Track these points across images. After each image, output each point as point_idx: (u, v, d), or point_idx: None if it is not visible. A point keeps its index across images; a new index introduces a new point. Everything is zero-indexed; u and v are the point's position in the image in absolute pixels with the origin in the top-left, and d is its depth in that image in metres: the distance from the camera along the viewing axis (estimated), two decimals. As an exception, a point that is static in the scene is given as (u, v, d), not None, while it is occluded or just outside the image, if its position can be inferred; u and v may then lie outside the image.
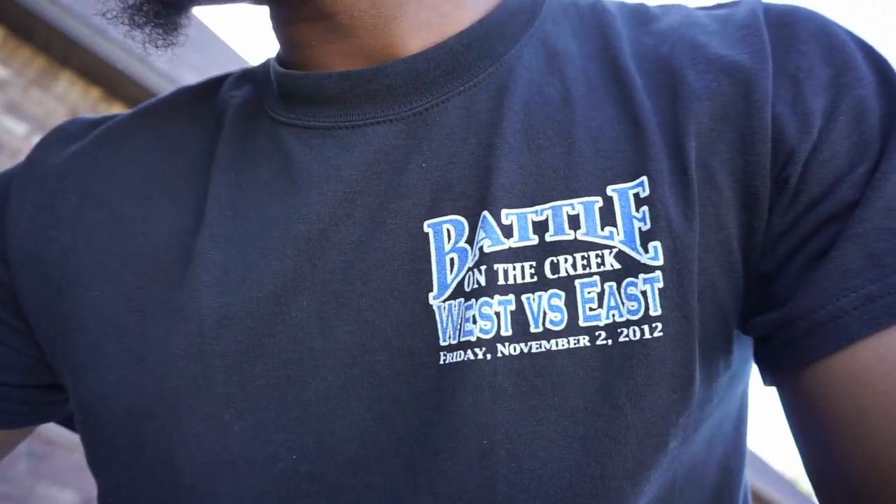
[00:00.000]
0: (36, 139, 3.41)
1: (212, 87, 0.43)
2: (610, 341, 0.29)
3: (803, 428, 0.29)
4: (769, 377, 0.32)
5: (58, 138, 0.41)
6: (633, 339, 0.29)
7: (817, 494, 0.29)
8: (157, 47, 0.34)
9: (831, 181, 0.29)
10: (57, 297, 0.37)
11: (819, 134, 0.30)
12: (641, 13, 0.38)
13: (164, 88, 3.81)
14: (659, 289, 0.29)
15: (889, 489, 0.25)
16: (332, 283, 0.32)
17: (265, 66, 0.41)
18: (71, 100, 3.79)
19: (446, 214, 0.32)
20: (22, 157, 0.42)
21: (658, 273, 0.29)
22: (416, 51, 0.35)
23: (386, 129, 0.34)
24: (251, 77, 0.42)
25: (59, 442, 3.29)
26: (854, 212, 0.28)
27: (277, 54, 0.41)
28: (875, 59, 0.32)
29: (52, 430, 2.94)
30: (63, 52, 3.67)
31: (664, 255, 0.29)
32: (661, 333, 0.28)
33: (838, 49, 0.32)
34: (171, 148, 0.40)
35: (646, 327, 0.29)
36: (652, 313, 0.29)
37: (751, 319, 0.31)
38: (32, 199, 0.39)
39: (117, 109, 4.01)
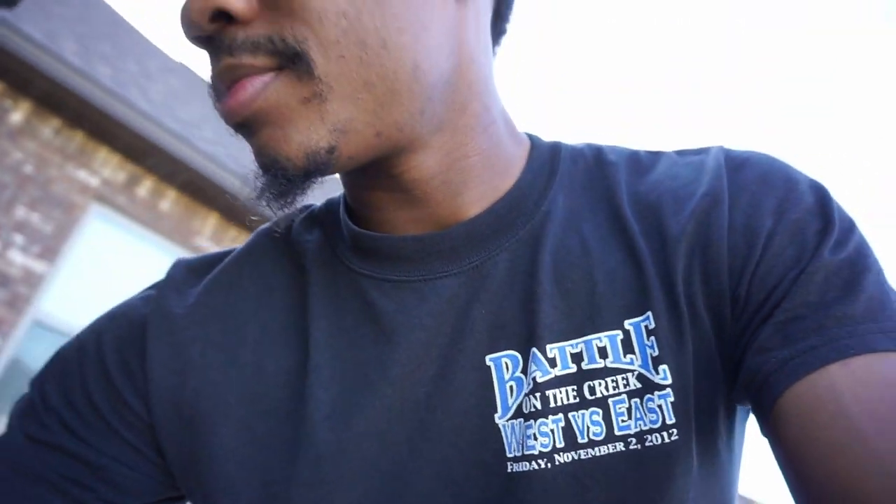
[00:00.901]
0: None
1: (283, 229, 0.50)
2: (639, 446, 0.36)
3: (781, 463, 0.35)
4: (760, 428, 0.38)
5: (173, 288, 0.49)
6: (656, 443, 0.36)
7: None
8: (276, 211, 0.39)
9: (769, 289, 0.37)
10: (189, 432, 0.43)
11: (761, 254, 0.38)
12: (637, 162, 0.46)
13: (77, 82, 3.69)
14: (671, 402, 0.37)
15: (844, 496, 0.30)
16: (418, 412, 0.40)
17: (332, 213, 0.48)
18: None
19: (503, 350, 0.40)
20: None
21: (668, 390, 0.37)
22: (473, 215, 0.43)
23: (451, 281, 0.42)
24: (318, 221, 0.49)
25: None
26: (780, 305, 0.36)
27: (345, 202, 0.48)
28: (813, 187, 0.40)
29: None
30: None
31: (671, 375, 0.38)
32: (676, 437, 0.36)
33: (782, 182, 0.40)
34: (269, 295, 0.47)
35: (665, 433, 0.37)
36: (668, 422, 0.37)
37: (734, 392, 0.39)
38: (165, 348, 0.45)
39: (25, 104, 3.82)
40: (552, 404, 0.38)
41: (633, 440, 0.36)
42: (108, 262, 4.19)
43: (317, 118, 0.35)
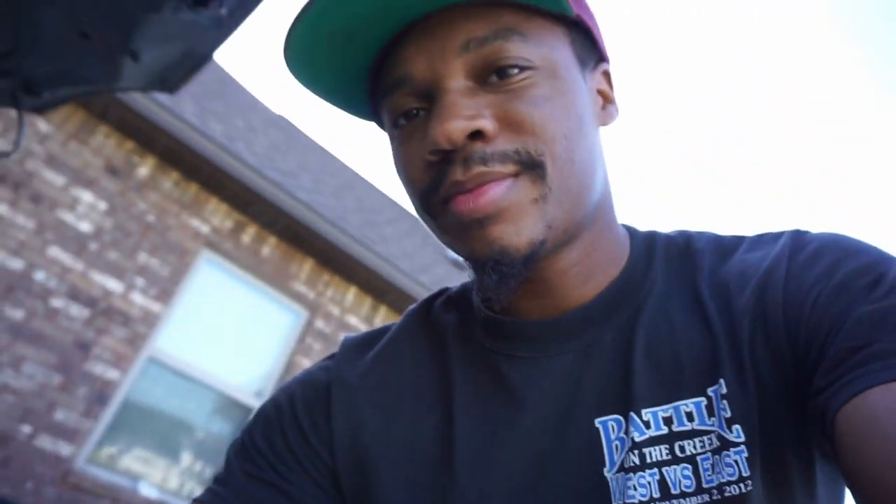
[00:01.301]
0: (74, 190, 3.71)
1: (426, 310, 0.60)
2: (720, 496, 0.42)
3: (845, 482, 0.38)
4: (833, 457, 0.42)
5: (346, 360, 0.59)
6: (734, 493, 0.42)
7: None
8: (503, 288, 0.46)
9: (819, 344, 0.42)
10: (362, 475, 0.53)
11: (808, 316, 0.43)
12: (721, 247, 0.53)
13: (194, 138, 4.05)
14: (745, 457, 0.43)
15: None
16: (541, 465, 0.48)
17: (466, 297, 0.59)
18: (106, 153, 4.03)
19: (608, 414, 0.47)
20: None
21: (742, 446, 0.43)
22: (586, 301, 0.51)
23: (567, 358, 0.50)
24: (455, 304, 0.59)
25: None
26: (827, 353, 0.41)
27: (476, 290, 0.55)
28: (868, 252, 0.45)
29: None
30: (101, 106, 3.92)
31: (743, 433, 0.43)
32: (751, 488, 0.42)
33: (835, 251, 0.46)
34: (419, 367, 0.56)
35: (741, 485, 0.42)
36: (743, 475, 0.42)
37: (810, 438, 0.44)
38: (345, 408, 0.56)
39: (150, 160, 4.22)
40: (648, 460, 0.45)
41: (716, 492, 0.42)
42: (215, 304, 4.50)
43: (539, 215, 0.44)
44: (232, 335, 4.54)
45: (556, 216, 0.45)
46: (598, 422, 0.48)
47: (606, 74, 0.54)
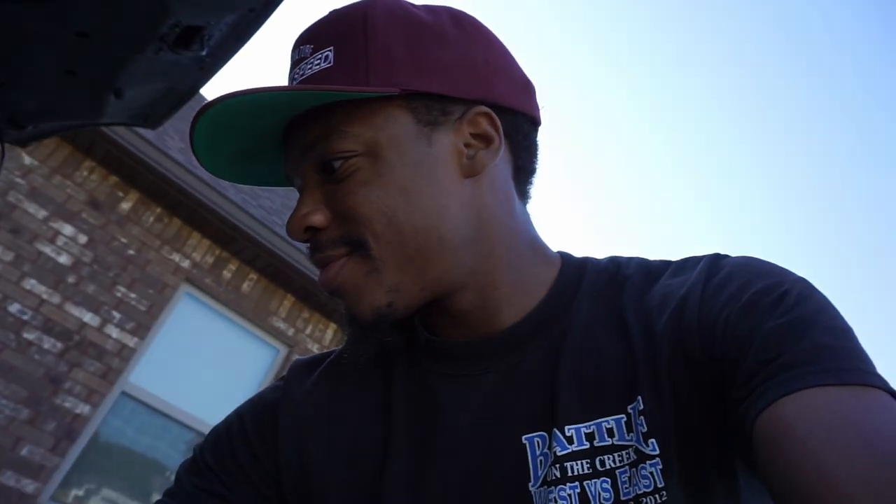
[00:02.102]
0: (54, 222, 3.72)
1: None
2: None
3: (768, 490, 0.40)
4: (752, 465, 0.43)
5: (294, 380, 0.63)
6: (651, 503, 0.45)
7: None
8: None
9: (731, 361, 0.45)
10: (305, 482, 0.57)
11: (721, 337, 0.46)
12: (648, 273, 0.56)
13: (178, 174, 4.09)
14: (660, 469, 0.45)
15: None
16: (470, 481, 0.51)
17: (412, 322, 0.61)
18: (90, 187, 4.05)
19: (535, 431, 0.50)
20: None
21: (658, 459, 0.45)
22: (507, 326, 0.55)
23: (492, 377, 0.54)
24: (403, 326, 0.61)
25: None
26: (739, 368, 0.44)
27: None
28: (772, 273, 0.49)
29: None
30: (87, 141, 3.95)
31: (659, 446, 0.46)
32: (666, 498, 0.44)
33: (743, 274, 0.49)
34: (363, 383, 0.60)
35: (656, 496, 0.44)
36: (658, 486, 0.45)
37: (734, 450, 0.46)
38: (291, 422, 0.60)
39: (133, 195, 4.24)
40: (569, 473, 0.47)
41: (633, 503, 0.45)
42: (194, 339, 4.47)
43: (376, 285, 0.51)
44: (209, 371, 4.50)
45: (400, 280, 0.51)
46: (524, 438, 0.50)
47: (483, 116, 0.53)
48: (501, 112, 0.55)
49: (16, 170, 3.72)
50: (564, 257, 0.60)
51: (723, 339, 0.46)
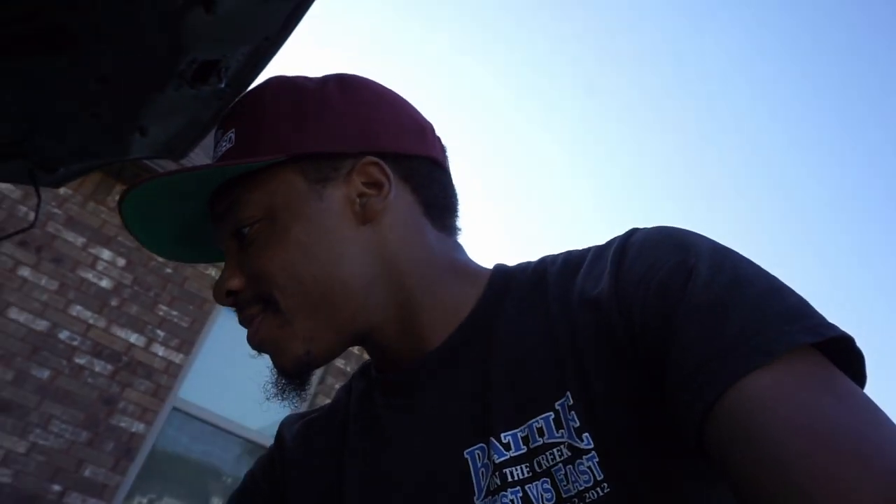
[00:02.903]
0: (93, 248, 3.81)
1: (350, 381, 0.69)
2: (581, 503, 0.44)
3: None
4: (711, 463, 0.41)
5: (287, 424, 0.71)
6: (594, 498, 0.44)
7: None
8: (296, 400, 0.58)
9: (657, 349, 0.43)
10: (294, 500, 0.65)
11: (641, 322, 0.44)
12: (568, 265, 0.55)
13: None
14: (597, 462, 0.44)
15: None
16: (417, 499, 0.53)
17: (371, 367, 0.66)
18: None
19: (473, 444, 0.51)
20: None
21: (593, 452, 0.45)
22: (434, 348, 0.57)
23: (429, 398, 0.56)
24: (366, 373, 0.67)
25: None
26: (668, 358, 0.42)
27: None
28: (680, 245, 0.46)
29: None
30: (116, 167, 4.04)
31: (593, 439, 0.45)
32: (609, 490, 0.44)
33: (651, 252, 0.47)
34: (331, 425, 0.66)
35: (598, 489, 0.44)
36: (598, 479, 0.44)
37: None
38: (285, 453, 0.68)
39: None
40: (509, 479, 0.47)
41: (577, 500, 0.44)
42: (236, 350, 4.55)
43: (291, 336, 0.55)
44: (255, 380, 4.58)
45: (312, 327, 0.55)
46: (466, 453, 0.51)
47: (371, 166, 0.57)
48: (393, 159, 0.58)
49: (51, 200, 3.82)
50: (496, 270, 0.61)
51: (643, 331, 0.44)
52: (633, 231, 0.52)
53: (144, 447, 3.98)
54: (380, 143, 0.58)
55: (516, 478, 0.47)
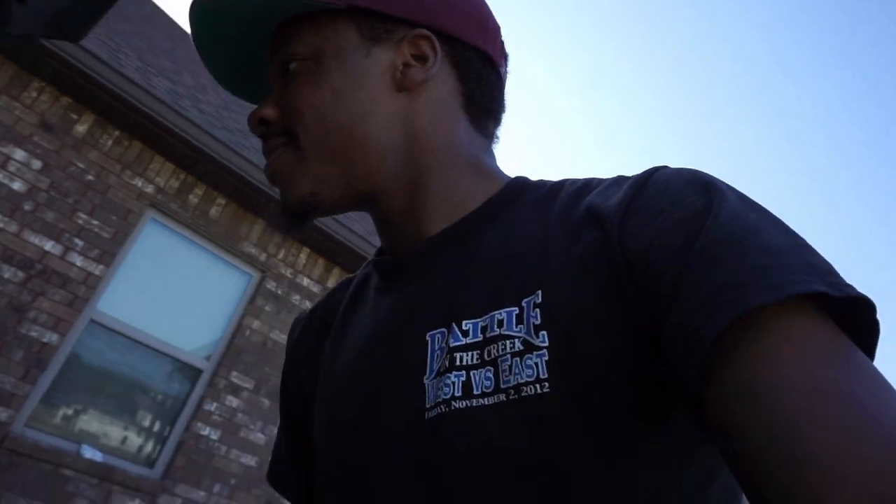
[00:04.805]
0: (4, 147, 3.54)
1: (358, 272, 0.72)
2: (517, 396, 0.44)
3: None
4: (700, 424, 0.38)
5: (295, 324, 0.75)
6: (530, 393, 0.43)
7: None
8: (294, 235, 0.60)
9: (665, 286, 0.40)
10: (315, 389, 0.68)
11: (653, 257, 0.42)
12: (586, 187, 0.54)
13: (135, 94, 3.90)
14: (545, 360, 0.44)
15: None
16: (380, 372, 0.55)
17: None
18: (40, 109, 3.85)
19: (436, 328, 0.52)
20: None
21: (544, 351, 0.44)
22: (432, 235, 0.58)
23: (412, 283, 0.58)
24: (371, 262, 0.69)
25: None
26: (677, 299, 0.40)
27: None
28: (701, 185, 0.45)
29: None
30: (30, 59, 3.72)
31: (549, 339, 0.44)
32: (548, 390, 0.43)
33: (672, 187, 0.46)
34: (330, 310, 0.70)
35: (538, 385, 0.43)
36: (541, 377, 0.43)
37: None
38: (292, 354, 0.72)
39: (89, 117, 4.05)
40: (458, 363, 0.48)
41: (513, 391, 0.44)
42: (162, 266, 4.40)
43: (303, 174, 0.57)
44: (179, 297, 4.46)
45: (325, 172, 0.56)
46: (428, 335, 0.52)
47: (423, 39, 0.58)
48: (448, 41, 0.60)
49: (-42, 91, 3.52)
50: (515, 179, 0.61)
51: (647, 259, 0.42)
52: (661, 167, 0.50)
53: (58, 358, 3.85)
54: (438, 21, 0.59)
55: (464, 363, 0.48)
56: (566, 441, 0.41)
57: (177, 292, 4.45)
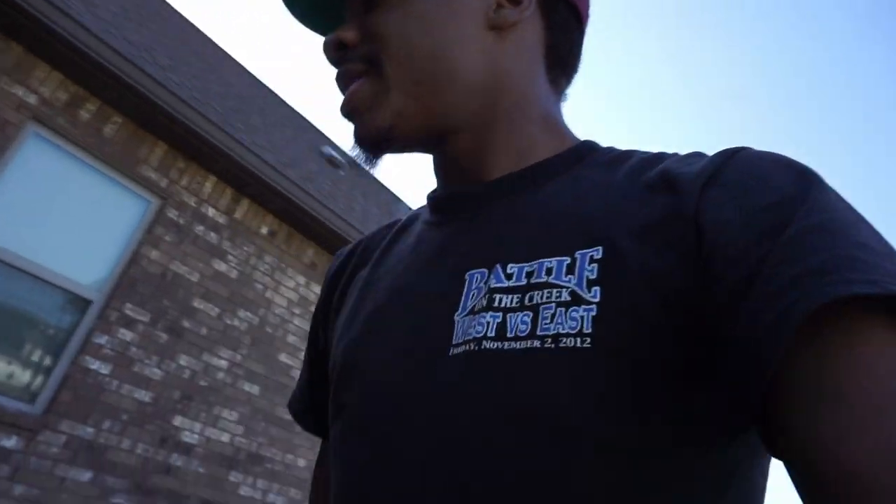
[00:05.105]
0: None
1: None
2: (553, 345, 0.42)
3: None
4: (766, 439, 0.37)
5: (335, 259, 0.74)
6: (569, 345, 0.41)
7: None
8: (367, 167, 0.58)
9: (741, 272, 0.38)
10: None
11: (729, 231, 0.40)
12: (659, 157, 0.52)
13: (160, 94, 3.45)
14: (593, 315, 0.41)
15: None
16: (418, 298, 0.54)
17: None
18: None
19: (478, 267, 0.51)
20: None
21: (594, 306, 0.42)
22: (492, 179, 0.57)
23: (461, 222, 0.57)
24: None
25: None
26: (753, 285, 0.37)
27: None
28: (793, 171, 0.42)
29: None
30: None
31: (602, 296, 0.42)
32: (589, 345, 0.40)
33: (758, 171, 0.43)
34: (372, 247, 0.70)
35: (578, 339, 0.41)
36: (585, 331, 0.41)
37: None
38: (327, 292, 0.72)
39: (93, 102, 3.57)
40: (496, 304, 0.46)
41: (550, 340, 0.42)
42: (47, 186, 4.01)
43: (382, 105, 0.54)
44: (67, 222, 4.11)
45: (406, 105, 0.54)
46: (468, 273, 0.51)
47: None
48: None
49: None
50: (585, 140, 0.60)
51: (730, 231, 0.40)
52: (746, 147, 0.47)
53: (-78, 282, 3.48)
54: None
55: (503, 304, 0.46)
56: (593, 399, 0.40)
57: (64, 216, 4.09)
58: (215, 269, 4.86)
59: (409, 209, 8.91)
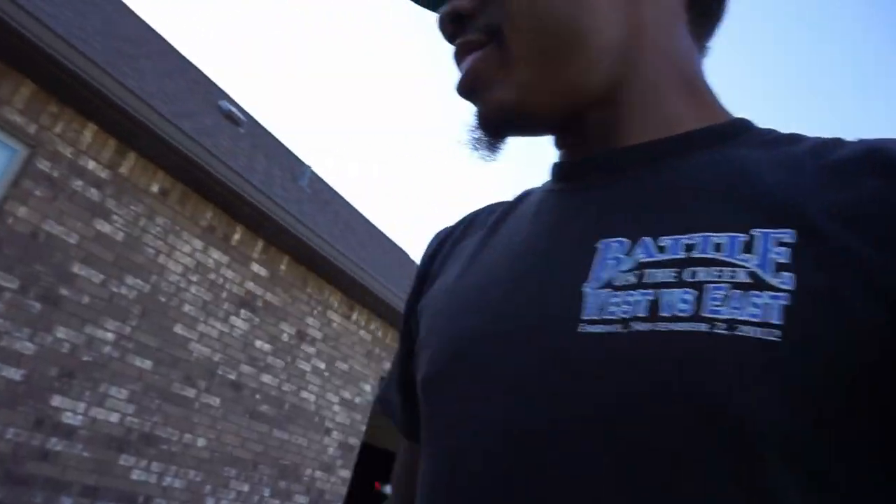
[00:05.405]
0: None
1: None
2: (727, 331, 0.36)
3: None
4: None
5: (434, 237, 0.71)
6: (750, 335, 0.35)
7: None
8: (485, 159, 0.54)
9: None
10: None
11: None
12: (838, 138, 0.46)
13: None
14: (783, 305, 0.36)
15: None
16: (534, 267, 0.49)
17: None
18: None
19: (615, 236, 0.45)
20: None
21: (786, 294, 0.36)
22: (621, 147, 0.51)
23: (598, 183, 0.51)
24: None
25: None
26: None
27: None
28: None
29: None
30: None
31: (797, 284, 0.36)
32: (779, 340, 0.35)
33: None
34: (486, 219, 0.65)
35: (763, 330, 0.35)
36: (773, 322, 0.35)
37: None
38: (426, 263, 0.67)
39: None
40: (645, 280, 0.40)
41: (723, 324, 0.36)
42: None
43: (506, 80, 0.49)
44: None
45: (532, 79, 0.49)
46: (602, 241, 0.45)
47: None
48: None
49: None
50: (741, 119, 0.52)
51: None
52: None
53: None
54: None
55: (656, 280, 0.40)
56: (784, 403, 0.34)
57: None
58: (97, 230, 4.33)
59: (316, 175, 8.45)
